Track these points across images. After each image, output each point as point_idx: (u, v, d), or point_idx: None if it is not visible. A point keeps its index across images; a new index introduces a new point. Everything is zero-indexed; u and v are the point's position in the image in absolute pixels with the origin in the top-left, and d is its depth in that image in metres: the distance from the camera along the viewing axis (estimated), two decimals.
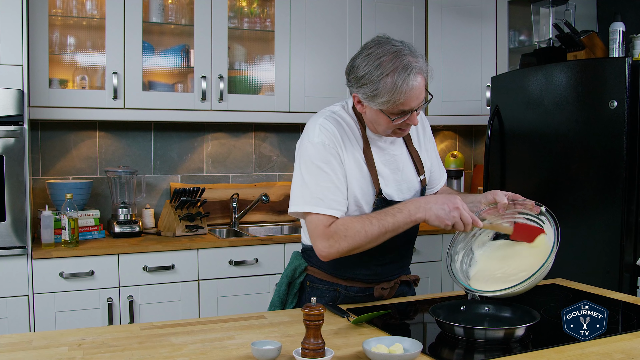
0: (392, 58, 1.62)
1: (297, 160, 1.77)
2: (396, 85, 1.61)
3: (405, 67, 1.61)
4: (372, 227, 1.65)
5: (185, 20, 3.37)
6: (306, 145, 1.74)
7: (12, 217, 2.69)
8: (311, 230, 1.72)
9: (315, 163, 1.71)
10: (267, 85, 3.55)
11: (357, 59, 1.69)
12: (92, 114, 3.10)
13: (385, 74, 1.61)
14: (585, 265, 2.80)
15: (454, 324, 1.47)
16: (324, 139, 1.72)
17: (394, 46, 1.64)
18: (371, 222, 1.66)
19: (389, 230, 1.65)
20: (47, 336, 1.51)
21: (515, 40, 3.76)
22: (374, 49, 1.65)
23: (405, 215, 1.65)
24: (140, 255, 2.92)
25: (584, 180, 2.83)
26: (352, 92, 1.73)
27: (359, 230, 1.65)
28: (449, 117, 3.86)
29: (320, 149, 1.72)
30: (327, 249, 1.68)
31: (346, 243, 1.66)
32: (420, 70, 1.64)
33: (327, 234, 1.68)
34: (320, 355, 1.29)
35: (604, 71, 2.73)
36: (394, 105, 1.64)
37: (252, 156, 3.81)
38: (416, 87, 1.63)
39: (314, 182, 1.71)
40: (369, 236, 1.65)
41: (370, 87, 1.64)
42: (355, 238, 1.65)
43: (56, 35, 3.15)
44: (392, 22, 3.73)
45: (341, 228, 1.67)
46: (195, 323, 1.63)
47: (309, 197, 1.71)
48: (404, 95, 1.62)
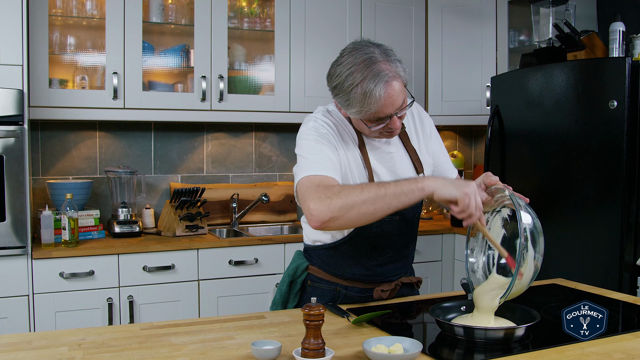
0: (363, 67, 1.59)
1: (297, 148, 1.76)
2: (365, 95, 1.58)
3: (374, 75, 1.57)
4: (369, 187, 1.53)
5: (185, 20, 3.37)
6: (302, 131, 1.75)
7: (12, 217, 2.69)
8: (303, 191, 1.60)
9: (310, 141, 1.71)
10: (267, 85, 3.55)
11: (332, 67, 1.67)
12: (92, 114, 3.10)
13: (355, 84, 1.59)
14: (585, 265, 2.80)
15: (454, 324, 1.47)
16: (320, 127, 1.73)
17: (367, 54, 1.60)
18: (370, 185, 1.56)
19: (388, 194, 1.50)
20: (47, 336, 1.51)
21: (515, 40, 3.76)
22: (346, 58, 1.63)
23: (412, 183, 1.52)
24: (140, 255, 2.92)
25: (584, 180, 2.83)
26: (332, 97, 1.73)
27: (355, 188, 1.53)
28: (449, 117, 3.86)
29: (316, 132, 1.72)
30: (318, 204, 1.51)
31: (339, 200, 1.50)
32: (395, 76, 1.60)
33: (319, 189, 1.56)
34: (320, 355, 1.29)
35: (604, 71, 2.73)
36: (367, 114, 1.63)
37: (252, 156, 3.81)
38: (388, 95, 1.59)
39: (311, 156, 1.68)
40: (364, 196, 1.50)
41: (342, 97, 1.64)
42: (350, 195, 1.50)
43: (56, 35, 3.15)
44: (392, 22, 3.73)
45: (336, 185, 1.59)
46: (195, 323, 1.63)
47: (306, 167, 1.66)
48: (374, 105, 1.60)
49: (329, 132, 1.74)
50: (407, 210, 1.81)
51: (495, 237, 1.65)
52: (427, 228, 3.62)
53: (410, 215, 1.85)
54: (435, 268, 3.57)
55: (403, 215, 1.81)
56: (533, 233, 1.51)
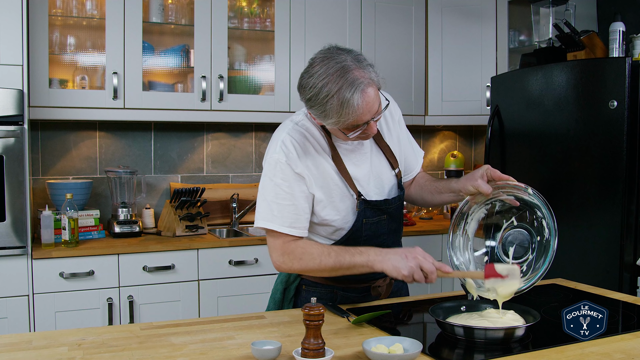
0: (337, 77, 1.55)
1: (262, 174, 1.77)
2: (342, 105, 1.55)
3: (350, 84, 1.55)
4: (327, 259, 1.66)
5: (185, 20, 3.37)
6: (268, 161, 1.74)
7: (12, 217, 2.69)
8: (270, 242, 1.75)
9: (274, 181, 1.72)
10: (267, 85, 3.55)
11: (304, 78, 1.63)
12: (92, 114, 3.10)
13: (331, 95, 1.55)
14: (585, 265, 2.80)
15: (454, 324, 1.47)
16: (283, 157, 1.71)
17: (339, 62, 1.58)
18: (329, 254, 1.67)
19: (343, 267, 1.66)
20: (47, 336, 1.51)
21: (515, 40, 3.76)
22: (317, 68, 1.59)
23: (364, 259, 1.64)
24: (140, 255, 2.92)
25: (584, 180, 2.83)
26: (306, 108, 1.70)
27: (315, 258, 1.68)
28: (449, 117, 3.86)
29: (279, 167, 1.71)
30: (280, 263, 1.73)
31: (298, 265, 1.70)
32: (369, 83, 1.58)
33: (284, 250, 1.71)
34: (320, 355, 1.29)
35: (604, 71, 2.73)
36: (345, 123, 1.61)
37: (252, 156, 3.81)
38: (365, 102, 1.57)
39: (273, 200, 1.71)
40: (322, 266, 1.67)
41: (318, 108, 1.60)
42: (309, 263, 1.68)
43: (56, 35, 3.15)
44: (392, 22, 3.73)
45: (299, 250, 1.70)
46: (195, 323, 1.63)
47: (269, 215, 1.72)
48: (352, 115, 1.58)
49: (295, 159, 1.71)
50: (392, 209, 1.84)
51: (477, 221, 1.76)
52: (427, 228, 3.61)
53: (396, 212, 1.87)
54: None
55: (390, 213, 1.84)
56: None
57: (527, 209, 1.71)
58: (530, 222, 1.70)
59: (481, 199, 1.76)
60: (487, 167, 1.74)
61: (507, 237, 1.74)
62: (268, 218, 1.72)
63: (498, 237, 1.75)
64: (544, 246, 1.64)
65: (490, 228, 1.77)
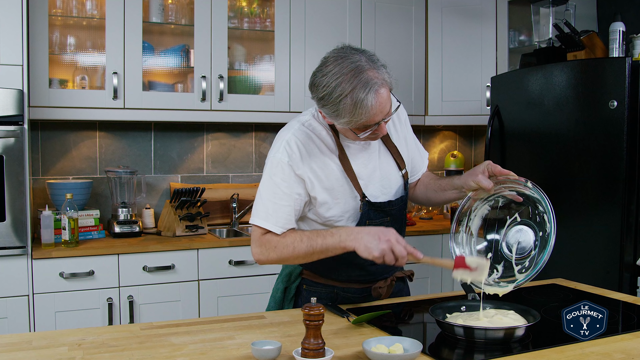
0: (351, 77, 1.55)
1: (263, 172, 1.78)
2: (356, 105, 1.55)
3: (364, 85, 1.54)
4: (300, 245, 1.68)
5: (185, 20, 3.37)
6: (270, 160, 1.75)
7: (12, 217, 2.69)
8: (252, 235, 1.79)
9: (274, 180, 1.73)
10: (267, 85, 3.55)
11: (317, 77, 1.61)
12: (92, 114, 3.10)
13: (344, 95, 1.55)
14: (585, 265, 2.80)
15: (454, 324, 1.48)
16: (286, 158, 1.71)
17: (353, 62, 1.57)
18: (302, 240, 1.69)
19: (316, 251, 1.68)
20: (47, 336, 1.51)
21: (515, 40, 3.76)
22: (331, 67, 1.58)
23: (336, 240, 1.65)
24: (140, 255, 2.92)
25: (584, 180, 2.83)
26: (318, 107, 1.69)
27: (288, 245, 1.70)
28: (449, 117, 3.86)
29: (281, 167, 1.72)
30: (258, 255, 1.76)
31: (274, 254, 1.72)
32: (383, 84, 1.58)
33: (261, 242, 1.74)
34: (320, 355, 1.29)
35: (604, 71, 2.73)
36: (357, 123, 1.61)
37: (252, 156, 3.81)
38: (378, 103, 1.57)
39: (270, 199, 1.73)
40: (296, 252, 1.69)
41: (330, 107, 1.59)
42: (283, 251, 1.71)
43: (56, 35, 3.15)
44: (392, 22, 3.73)
45: (274, 240, 1.73)
46: (195, 323, 1.63)
47: (262, 212, 1.74)
48: (365, 115, 1.57)
49: (297, 161, 1.72)
50: (395, 210, 1.84)
51: (480, 217, 1.79)
52: (427, 228, 3.61)
53: (399, 214, 1.87)
54: (435, 268, 3.56)
55: (393, 215, 1.83)
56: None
57: (529, 204, 1.71)
58: (533, 218, 1.70)
59: (483, 195, 1.76)
60: (488, 163, 1.75)
61: (511, 234, 1.74)
62: (263, 216, 1.73)
63: (502, 233, 1.75)
64: (545, 240, 1.64)
65: (494, 224, 1.78)
